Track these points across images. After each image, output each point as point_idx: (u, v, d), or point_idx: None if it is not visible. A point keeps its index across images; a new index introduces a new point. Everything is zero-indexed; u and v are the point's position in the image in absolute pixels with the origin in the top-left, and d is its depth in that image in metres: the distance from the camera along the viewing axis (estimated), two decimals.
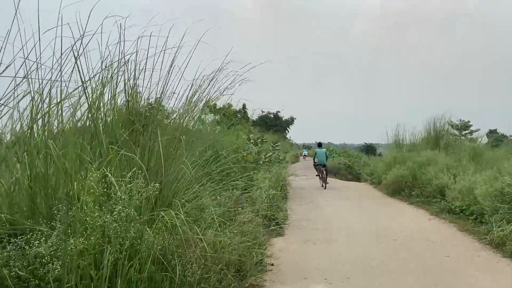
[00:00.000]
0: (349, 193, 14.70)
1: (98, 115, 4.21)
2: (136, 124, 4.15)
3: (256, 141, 8.98)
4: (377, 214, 9.86)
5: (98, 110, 4.23)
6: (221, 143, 8.19)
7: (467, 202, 8.63)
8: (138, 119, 4.32)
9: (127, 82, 4.60)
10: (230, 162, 8.26)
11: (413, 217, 9.38)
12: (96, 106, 4.14)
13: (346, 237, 7.48)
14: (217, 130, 8.73)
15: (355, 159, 30.82)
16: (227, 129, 10.54)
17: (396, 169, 13.57)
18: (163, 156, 4.42)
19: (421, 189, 11.57)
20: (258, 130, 36.41)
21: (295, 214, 10.04)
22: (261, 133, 14.16)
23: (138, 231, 2.96)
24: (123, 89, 4.57)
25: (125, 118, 4.55)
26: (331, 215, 9.84)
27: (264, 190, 7.22)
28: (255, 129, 11.21)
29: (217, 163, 6.26)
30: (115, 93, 4.48)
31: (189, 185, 4.82)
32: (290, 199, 13.13)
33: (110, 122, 4.36)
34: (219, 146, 7.88)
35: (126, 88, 4.63)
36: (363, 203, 11.94)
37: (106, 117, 4.31)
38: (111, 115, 4.46)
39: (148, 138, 4.10)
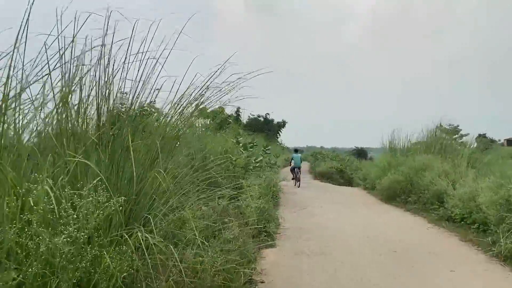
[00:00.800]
0: (343, 199, 14.22)
1: (63, 117, 3.64)
2: (105, 127, 3.58)
3: (245, 145, 8.44)
4: (374, 222, 9.37)
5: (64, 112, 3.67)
6: (209, 148, 7.65)
7: (468, 209, 8.18)
8: (108, 121, 3.76)
9: (100, 79, 4.04)
10: (218, 168, 7.74)
11: (411, 226, 8.91)
12: (61, 106, 3.58)
13: (342, 248, 6.97)
14: (205, 134, 8.19)
15: (347, 163, 30.37)
16: (216, 132, 10.03)
17: (391, 174, 13.13)
18: (141, 163, 3.88)
19: (418, 195, 11.12)
20: (249, 134, 36.05)
21: (287, 222, 9.50)
22: (251, 137, 13.63)
23: (94, 257, 2.40)
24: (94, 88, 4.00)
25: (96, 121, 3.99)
26: (325, 223, 9.32)
27: (254, 199, 6.67)
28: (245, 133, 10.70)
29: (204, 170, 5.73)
30: (88, 93, 3.91)
31: (170, 196, 4.28)
32: (282, 205, 12.61)
33: (78, 125, 3.79)
34: (207, 152, 7.35)
35: (98, 86, 4.06)
36: (357, 210, 11.46)
37: (73, 120, 3.74)
38: (80, 117, 3.89)
39: (120, 143, 3.54)
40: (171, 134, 4.20)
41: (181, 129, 4.39)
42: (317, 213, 10.95)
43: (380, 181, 14.62)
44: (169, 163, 4.43)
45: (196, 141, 7.42)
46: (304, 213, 10.93)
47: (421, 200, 10.82)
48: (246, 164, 7.85)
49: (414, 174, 12.09)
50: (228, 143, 8.75)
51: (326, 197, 14.76)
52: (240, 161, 7.91)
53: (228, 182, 7.29)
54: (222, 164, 7.87)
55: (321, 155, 38.96)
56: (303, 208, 11.93)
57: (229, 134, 9.31)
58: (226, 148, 8.28)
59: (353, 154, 55.89)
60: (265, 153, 12.57)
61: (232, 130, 9.23)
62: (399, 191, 12.44)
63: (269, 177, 9.14)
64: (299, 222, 9.47)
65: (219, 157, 7.57)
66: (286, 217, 10.25)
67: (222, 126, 29.19)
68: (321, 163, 31.29)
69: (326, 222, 9.47)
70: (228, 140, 8.79)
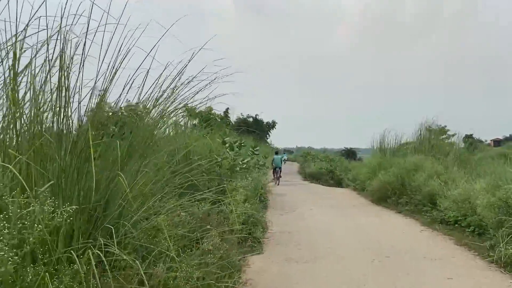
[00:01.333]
0: (333, 201, 13.88)
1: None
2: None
3: (232, 145, 8.02)
4: (365, 225, 9.02)
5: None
6: (191, 148, 7.21)
7: (462, 212, 7.88)
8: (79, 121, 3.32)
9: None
10: (202, 169, 7.31)
11: (404, 229, 8.57)
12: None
13: (332, 254, 6.59)
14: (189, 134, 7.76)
15: (336, 163, 30.10)
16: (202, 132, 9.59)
17: (381, 175, 12.82)
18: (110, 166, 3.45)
19: (410, 197, 10.82)
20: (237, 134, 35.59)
21: (275, 226, 9.10)
22: (239, 137, 13.21)
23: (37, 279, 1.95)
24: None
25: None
26: (315, 227, 8.95)
27: (240, 202, 6.26)
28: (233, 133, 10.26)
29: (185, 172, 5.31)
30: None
31: (143, 202, 3.84)
32: (270, 207, 12.21)
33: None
34: (190, 152, 6.91)
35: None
36: (348, 212, 11.11)
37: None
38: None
39: (82, 143, 3.09)
40: (144, 133, 3.76)
41: (156, 127, 3.94)
42: (306, 215, 10.58)
43: (371, 182, 14.34)
44: (143, 165, 3.99)
45: (179, 141, 6.98)
46: (293, 216, 10.55)
47: (413, 201, 10.52)
48: (232, 166, 7.43)
49: (405, 175, 11.80)
50: (214, 143, 8.33)
51: (316, 199, 14.40)
52: (226, 162, 7.49)
53: (213, 184, 6.87)
54: (206, 165, 7.45)
55: (310, 156, 38.69)
56: (292, 211, 11.55)
57: (215, 134, 8.88)
58: (212, 148, 7.85)
59: (342, 155, 55.87)
60: (253, 153, 12.16)
61: (218, 130, 8.80)
62: (390, 192, 12.13)
63: (256, 179, 8.73)
64: (288, 226, 9.08)
65: (201, 157, 7.14)
66: (275, 220, 9.86)
67: (210, 126, 28.71)
68: (310, 164, 30.99)
69: (316, 226, 9.10)
70: (214, 140, 8.36)
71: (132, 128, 3.91)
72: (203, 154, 7.69)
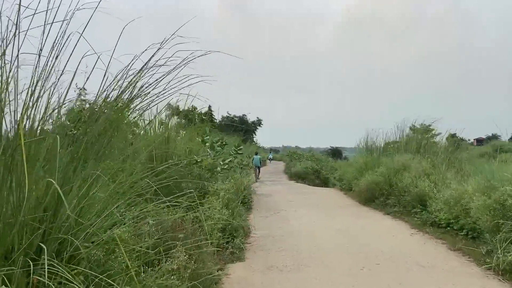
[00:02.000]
0: (319, 202, 13.47)
1: None
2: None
3: (213, 145, 7.49)
4: (352, 228, 8.61)
5: None
6: (167, 148, 6.68)
7: (454, 214, 7.53)
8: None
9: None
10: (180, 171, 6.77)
11: (393, 231, 8.18)
12: None
13: (318, 261, 6.14)
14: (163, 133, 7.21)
15: (322, 163, 29.79)
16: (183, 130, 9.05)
17: (369, 175, 12.46)
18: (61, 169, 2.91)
19: (398, 197, 10.46)
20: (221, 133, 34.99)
21: (259, 229, 8.62)
22: (222, 136, 12.67)
23: None
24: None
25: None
26: (300, 230, 8.49)
27: (217, 208, 5.75)
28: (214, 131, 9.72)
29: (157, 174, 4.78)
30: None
31: (102, 210, 3.30)
32: (254, 209, 11.74)
33: None
34: (164, 152, 6.38)
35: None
36: (335, 214, 10.70)
37: None
38: None
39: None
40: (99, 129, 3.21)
41: (114, 122, 3.39)
42: (291, 218, 10.13)
43: (357, 182, 13.99)
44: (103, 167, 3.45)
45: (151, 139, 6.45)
46: (278, 218, 10.09)
47: (402, 202, 10.16)
48: (212, 166, 6.92)
49: (393, 175, 11.46)
50: (194, 143, 7.80)
51: (301, 200, 13.98)
52: (206, 162, 6.97)
53: (191, 187, 6.35)
54: (185, 166, 6.92)
55: (296, 155, 38.34)
56: (276, 213, 11.09)
57: (195, 132, 8.33)
58: (191, 148, 7.32)
59: (328, 154, 55.86)
60: (237, 153, 11.64)
61: (197, 128, 8.26)
62: (377, 193, 11.77)
63: (238, 180, 8.23)
64: (271, 229, 8.61)
65: (180, 157, 6.61)
66: (258, 223, 9.38)
67: (193, 124, 28.02)
68: (296, 163, 30.61)
69: (301, 229, 8.65)
70: (193, 138, 7.83)
71: (89, 124, 3.37)
72: (182, 154, 7.16)
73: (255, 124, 61.46)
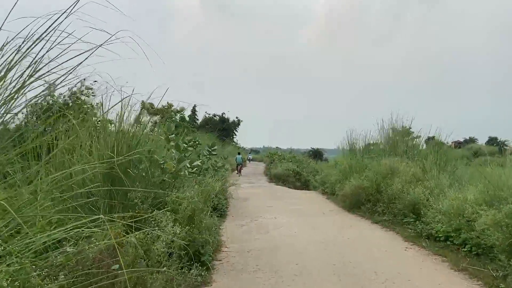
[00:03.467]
0: (300, 207, 12.44)
1: None
2: None
3: (178, 145, 6.33)
4: (339, 241, 7.59)
5: None
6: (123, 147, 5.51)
7: (453, 226, 6.60)
8: None
9: None
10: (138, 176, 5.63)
11: (385, 245, 7.19)
12: None
13: (302, 285, 5.09)
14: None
15: (303, 164, 28.82)
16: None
17: (354, 180, 11.51)
18: None
19: (387, 205, 9.52)
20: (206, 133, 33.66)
21: (232, 241, 7.54)
22: (195, 135, 11.50)
23: None
24: None
25: None
26: (279, 243, 7.43)
27: (171, 222, 4.60)
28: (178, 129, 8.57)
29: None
30: None
31: None
32: (229, 216, 10.63)
33: None
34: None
35: None
36: (318, 222, 9.68)
37: None
38: None
39: None
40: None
41: None
42: (270, 226, 9.06)
43: (341, 186, 13.06)
44: None
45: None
46: (255, 227, 9.01)
47: (392, 210, 9.23)
48: (176, 170, 5.77)
49: (381, 180, 10.54)
50: (157, 141, 6.63)
51: (282, 205, 12.93)
52: (171, 165, 5.82)
53: (144, 196, 5.20)
54: (145, 170, 5.76)
55: (277, 156, 37.33)
56: (254, 220, 10.01)
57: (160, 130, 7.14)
58: (154, 147, 6.15)
59: (309, 155, 55.25)
60: (211, 154, 10.49)
61: (162, 126, 7.07)
62: (363, 198, 10.83)
63: (209, 185, 7.09)
64: (247, 242, 7.53)
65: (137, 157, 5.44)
66: (233, 233, 8.29)
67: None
68: (277, 164, 29.58)
69: (280, 241, 7.59)
70: (155, 137, 6.65)
71: None
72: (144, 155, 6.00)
73: (235, 124, 60.01)
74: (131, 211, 5.21)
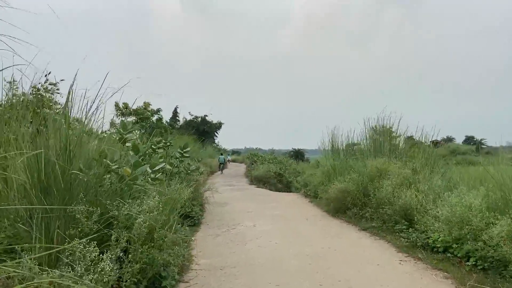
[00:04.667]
0: (282, 212, 11.57)
1: None
2: None
3: (136, 146, 5.34)
4: (326, 253, 6.73)
5: None
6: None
7: (454, 235, 5.83)
8: None
9: None
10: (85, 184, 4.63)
11: (377, 258, 6.36)
12: None
13: None
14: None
15: (285, 165, 28.00)
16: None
17: (339, 182, 10.72)
18: None
19: (376, 210, 8.74)
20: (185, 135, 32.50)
21: (204, 255, 6.60)
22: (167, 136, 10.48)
23: None
24: None
25: None
26: (259, 256, 6.53)
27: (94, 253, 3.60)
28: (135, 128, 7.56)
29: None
30: None
31: None
32: (204, 224, 9.67)
33: None
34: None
35: None
36: (301, 230, 8.82)
37: None
38: None
39: None
40: None
41: None
42: (248, 236, 8.15)
43: (325, 189, 12.26)
44: None
45: None
46: (232, 237, 8.08)
47: (381, 216, 8.44)
48: (132, 177, 4.80)
49: (368, 182, 9.77)
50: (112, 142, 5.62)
51: (262, 210, 12.04)
52: (127, 171, 4.84)
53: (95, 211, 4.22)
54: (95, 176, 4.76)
55: (257, 157, 36.44)
56: (231, 228, 9.09)
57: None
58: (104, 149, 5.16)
59: (291, 156, 54.69)
60: (183, 156, 9.50)
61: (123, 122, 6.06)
62: (349, 203, 10.04)
63: (177, 193, 6.09)
64: (221, 256, 6.60)
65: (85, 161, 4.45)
66: (206, 245, 7.36)
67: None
68: (258, 166, 28.68)
69: (259, 254, 6.68)
70: (110, 136, 5.64)
71: None
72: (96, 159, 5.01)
73: (216, 126, 58.87)
74: (72, 228, 4.23)
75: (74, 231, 4.10)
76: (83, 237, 4.16)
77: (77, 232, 4.10)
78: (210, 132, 57.52)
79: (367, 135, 14.55)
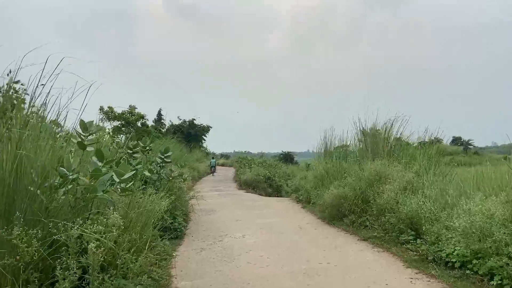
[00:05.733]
0: (274, 220, 10.73)
1: None
2: None
3: (100, 150, 4.47)
4: (325, 271, 5.90)
5: None
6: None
7: (473, 248, 5.06)
8: None
9: None
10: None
11: (384, 275, 5.55)
12: None
13: None
14: None
15: (275, 169, 27.18)
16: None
17: (335, 187, 9.94)
18: None
19: (377, 218, 7.96)
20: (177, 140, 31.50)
21: (186, 275, 5.73)
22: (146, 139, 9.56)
23: None
24: None
25: None
26: (248, 276, 5.67)
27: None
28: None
29: None
30: None
31: None
32: (188, 236, 8.77)
33: None
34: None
35: None
36: (296, 241, 7.99)
37: None
38: None
39: None
40: None
41: None
42: (237, 250, 7.29)
43: (318, 194, 11.50)
44: None
45: None
46: (218, 252, 7.20)
47: (382, 225, 7.66)
48: (90, 189, 3.93)
49: (365, 187, 9.00)
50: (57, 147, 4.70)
51: (252, 218, 11.18)
52: (85, 181, 3.97)
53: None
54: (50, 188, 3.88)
55: (246, 161, 35.58)
56: (218, 241, 8.21)
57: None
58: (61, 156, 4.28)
59: (280, 159, 53.98)
60: (164, 161, 8.61)
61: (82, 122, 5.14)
62: (347, 209, 9.25)
63: (149, 206, 5.19)
64: (205, 276, 5.72)
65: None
66: (188, 262, 6.47)
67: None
68: (247, 170, 27.79)
69: (249, 273, 5.83)
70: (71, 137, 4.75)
71: None
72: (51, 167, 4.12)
73: (204, 130, 57.76)
74: (8, 257, 3.32)
75: (11, 260, 3.21)
76: (24, 267, 3.27)
77: (14, 261, 3.21)
78: (198, 136, 56.47)
79: (359, 137, 13.86)
